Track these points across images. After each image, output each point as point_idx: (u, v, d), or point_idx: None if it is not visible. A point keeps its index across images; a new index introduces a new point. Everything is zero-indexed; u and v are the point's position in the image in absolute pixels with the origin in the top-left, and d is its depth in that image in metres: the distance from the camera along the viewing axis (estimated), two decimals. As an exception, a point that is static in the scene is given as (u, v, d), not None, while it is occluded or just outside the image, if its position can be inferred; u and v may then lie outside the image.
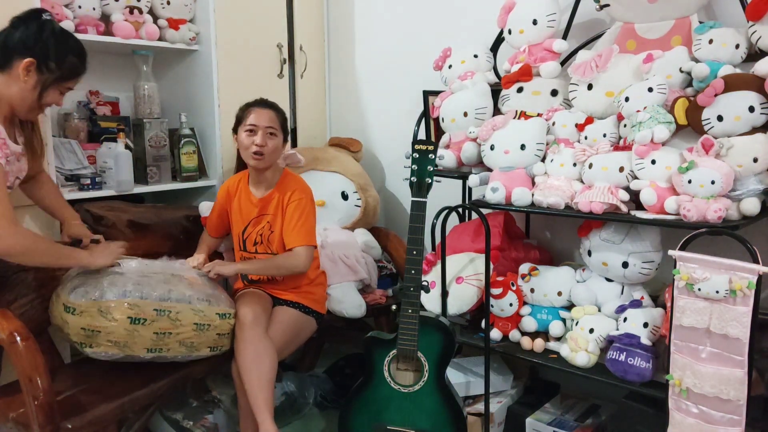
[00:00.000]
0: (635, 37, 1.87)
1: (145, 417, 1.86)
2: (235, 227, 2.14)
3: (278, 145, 2.06)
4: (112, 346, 1.68)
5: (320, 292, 2.19)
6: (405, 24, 2.70)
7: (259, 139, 1.99)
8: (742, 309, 1.39)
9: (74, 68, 1.71)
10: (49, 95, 1.68)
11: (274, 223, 2.08)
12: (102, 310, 1.66)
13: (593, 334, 1.78)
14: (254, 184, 2.12)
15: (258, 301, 1.99)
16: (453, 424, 1.82)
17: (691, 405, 1.49)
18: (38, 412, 1.51)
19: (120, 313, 1.66)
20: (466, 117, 2.06)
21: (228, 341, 1.89)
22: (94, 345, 1.67)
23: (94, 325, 1.65)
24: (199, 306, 1.80)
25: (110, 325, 1.66)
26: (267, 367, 1.84)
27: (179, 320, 1.75)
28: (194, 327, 1.78)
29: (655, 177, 1.61)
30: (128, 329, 1.67)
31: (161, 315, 1.72)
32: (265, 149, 2.00)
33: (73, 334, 1.67)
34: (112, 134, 2.28)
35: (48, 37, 1.63)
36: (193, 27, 2.46)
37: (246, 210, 2.12)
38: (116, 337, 1.67)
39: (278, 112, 2.09)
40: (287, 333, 2.01)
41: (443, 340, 1.81)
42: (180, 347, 1.77)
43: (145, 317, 1.69)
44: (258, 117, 2.02)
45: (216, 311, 1.84)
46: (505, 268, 2.04)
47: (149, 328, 1.70)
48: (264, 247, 2.10)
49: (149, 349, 1.72)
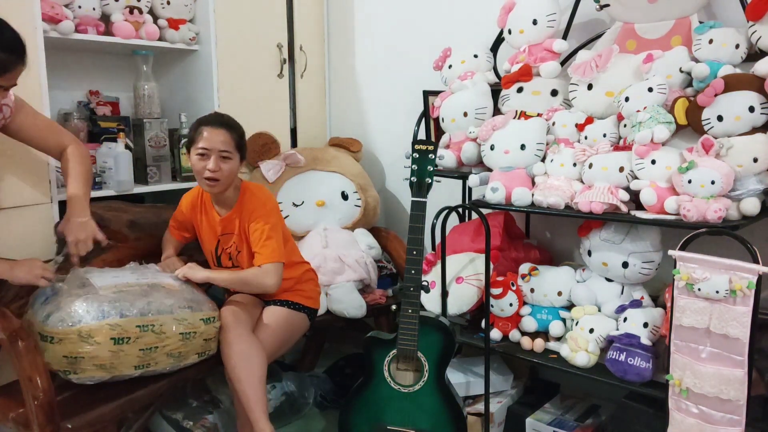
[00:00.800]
0: (635, 37, 1.87)
1: (145, 417, 1.86)
2: (206, 244, 2.07)
3: (233, 168, 1.91)
4: (98, 369, 1.61)
5: (310, 288, 2.15)
6: (405, 24, 2.70)
7: (211, 164, 1.85)
8: (742, 309, 1.39)
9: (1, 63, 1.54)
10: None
11: (240, 244, 2.00)
12: (82, 335, 1.57)
13: (593, 334, 1.78)
14: (216, 202, 2.02)
15: (241, 300, 1.97)
16: (453, 424, 1.82)
17: (691, 405, 1.49)
18: (38, 412, 1.50)
19: (102, 336, 1.59)
20: (466, 117, 2.06)
21: (215, 344, 1.85)
22: (79, 371, 1.60)
23: (76, 352, 1.57)
24: (181, 314, 1.74)
25: (93, 349, 1.58)
26: (254, 365, 1.81)
27: (164, 332, 1.69)
28: (180, 337, 1.73)
29: (655, 177, 1.61)
30: (113, 350, 1.61)
31: (145, 330, 1.66)
32: (218, 174, 1.87)
33: (55, 363, 1.59)
34: (112, 134, 2.28)
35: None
36: (193, 27, 2.46)
37: (213, 228, 2.03)
38: (101, 360, 1.60)
39: (233, 130, 1.92)
40: (278, 332, 1.98)
41: (443, 340, 1.81)
42: (168, 359, 1.72)
43: (129, 335, 1.63)
44: (210, 139, 1.87)
45: (200, 317, 1.79)
46: (505, 268, 2.04)
47: (134, 345, 1.64)
48: (238, 262, 2.04)
49: (137, 366, 1.67)
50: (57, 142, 1.83)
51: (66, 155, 1.84)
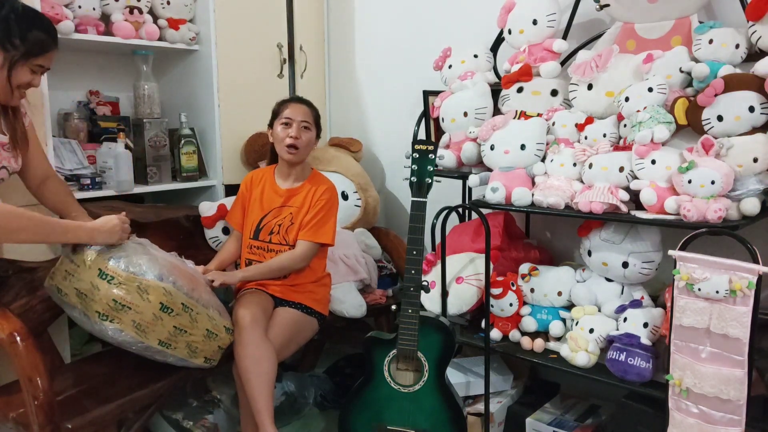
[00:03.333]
0: (635, 37, 1.87)
1: (145, 417, 1.86)
2: (252, 215, 2.16)
3: (311, 139, 2.13)
4: (133, 327, 1.60)
5: (323, 293, 2.19)
6: (405, 24, 2.70)
7: (293, 131, 2.07)
8: (742, 309, 1.39)
9: (41, 43, 1.63)
10: (19, 74, 1.62)
11: (297, 215, 2.10)
12: (141, 287, 1.60)
13: (593, 334, 1.78)
14: (282, 176, 2.17)
15: (257, 302, 1.99)
16: (453, 424, 1.82)
17: (691, 405, 1.49)
18: (38, 412, 1.51)
19: (156, 296, 1.62)
20: (466, 117, 2.06)
21: (219, 357, 1.86)
22: (116, 321, 1.58)
23: (127, 300, 1.58)
24: (213, 314, 1.78)
25: (143, 305, 1.59)
26: (266, 369, 1.84)
27: (197, 322, 1.72)
28: (205, 333, 1.75)
29: (655, 177, 1.61)
30: (156, 314, 1.62)
31: (186, 310, 1.68)
32: (299, 142, 2.07)
33: (100, 303, 1.57)
34: (112, 134, 2.28)
35: (8, 14, 1.57)
36: (193, 27, 2.46)
37: (268, 199, 2.15)
38: (142, 318, 1.60)
39: (312, 108, 2.16)
40: (287, 334, 2.00)
41: (443, 340, 1.81)
42: (185, 349, 1.73)
43: (173, 308, 1.65)
44: (293, 111, 2.10)
45: (224, 324, 1.82)
46: (505, 268, 2.04)
47: (172, 320, 1.66)
48: (280, 237, 2.10)
49: (161, 342, 1.66)
50: (43, 167, 1.82)
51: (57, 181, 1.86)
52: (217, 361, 1.86)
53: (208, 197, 2.48)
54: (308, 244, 2.08)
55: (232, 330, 1.86)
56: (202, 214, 2.31)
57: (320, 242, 2.09)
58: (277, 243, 2.10)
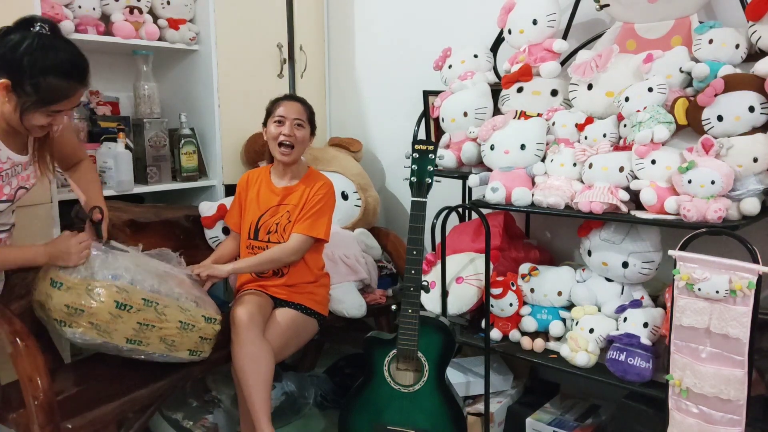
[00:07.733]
0: (635, 37, 1.87)
1: (145, 417, 1.86)
2: (249, 215, 2.15)
3: (305, 137, 2.12)
4: (92, 328, 1.61)
5: (323, 294, 2.19)
6: (405, 24, 2.70)
7: (286, 129, 2.06)
8: (742, 309, 1.39)
9: (55, 91, 1.46)
10: (33, 119, 1.48)
11: (294, 213, 2.10)
12: (89, 288, 1.60)
13: (593, 334, 1.78)
14: (278, 175, 2.17)
15: (255, 302, 1.99)
16: (453, 424, 1.82)
17: (691, 405, 1.49)
18: (38, 412, 1.51)
19: (107, 295, 1.62)
20: (466, 117, 2.06)
21: (209, 348, 1.85)
22: (74, 325, 1.61)
23: (78, 303, 1.59)
24: (186, 305, 1.77)
25: (94, 306, 1.60)
26: (263, 369, 1.84)
27: (165, 315, 1.71)
28: (179, 325, 1.75)
29: (655, 177, 1.61)
30: (112, 313, 1.62)
31: (148, 305, 1.68)
32: (292, 139, 2.06)
33: (55, 311, 1.60)
34: (112, 134, 2.27)
35: (23, 55, 1.41)
36: (193, 27, 2.46)
37: (265, 198, 2.14)
38: (98, 319, 1.61)
39: (306, 105, 2.16)
40: (287, 334, 2.00)
41: (443, 340, 1.81)
42: (160, 343, 1.73)
43: (132, 304, 1.65)
44: (286, 109, 2.09)
45: (202, 313, 1.81)
46: (505, 268, 2.04)
47: (134, 316, 1.66)
48: (278, 236, 2.10)
49: (129, 340, 1.67)
50: (75, 156, 1.84)
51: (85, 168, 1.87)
52: (208, 353, 1.85)
53: (208, 197, 2.48)
54: (301, 237, 2.06)
55: (216, 320, 1.85)
56: (202, 214, 2.32)
57: (314, 236, 2.07)
58: (276, 242, 2.09)
